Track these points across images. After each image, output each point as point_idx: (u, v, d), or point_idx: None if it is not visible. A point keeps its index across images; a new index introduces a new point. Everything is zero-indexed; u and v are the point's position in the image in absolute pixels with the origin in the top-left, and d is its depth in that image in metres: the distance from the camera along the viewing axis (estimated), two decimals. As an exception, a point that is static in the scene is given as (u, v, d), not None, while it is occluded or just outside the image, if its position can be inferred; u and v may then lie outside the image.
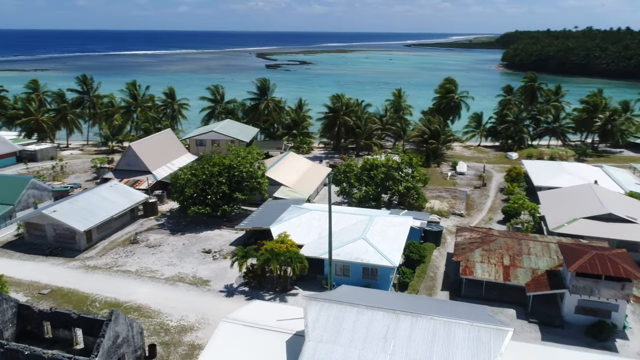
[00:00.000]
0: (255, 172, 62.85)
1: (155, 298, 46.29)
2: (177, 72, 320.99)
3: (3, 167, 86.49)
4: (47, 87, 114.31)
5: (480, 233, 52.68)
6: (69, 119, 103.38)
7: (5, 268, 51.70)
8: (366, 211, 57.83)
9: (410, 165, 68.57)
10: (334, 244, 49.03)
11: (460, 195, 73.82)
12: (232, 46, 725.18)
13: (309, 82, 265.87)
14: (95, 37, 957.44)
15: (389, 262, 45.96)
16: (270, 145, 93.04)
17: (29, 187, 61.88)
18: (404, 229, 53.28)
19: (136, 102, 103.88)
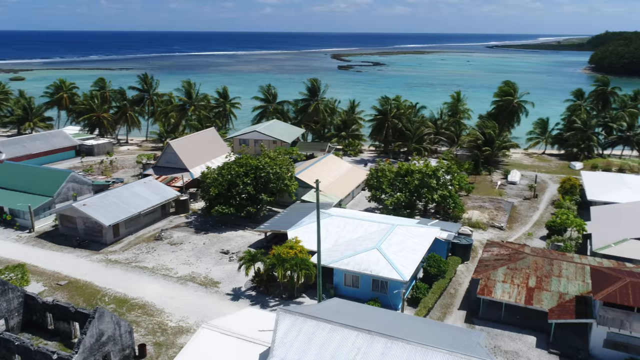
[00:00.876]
0: (282, 173, 61.71)
1: (162, 296, 46.31)
2: (250, 72, 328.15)
3: (63, 160, 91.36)
4: (111, 85, 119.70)
5: (510, 249, 48.35)
6: (128, 116, 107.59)
7: (34, 257, 54.06)
8: (389, 219, 54.95)
9: (448, 172, 64.63)
10: (346, 253, 47.00)
11: (505, 207, 68.72)
12: (310, 47, 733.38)
13: (377, 84, 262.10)
14: (183, 38, 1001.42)
15: (400, 275, 43.09)
16: (314, 146, 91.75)
17: (68, 181, 64.45)
18: (426, 241, 50.07)
19: (190, 101, 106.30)
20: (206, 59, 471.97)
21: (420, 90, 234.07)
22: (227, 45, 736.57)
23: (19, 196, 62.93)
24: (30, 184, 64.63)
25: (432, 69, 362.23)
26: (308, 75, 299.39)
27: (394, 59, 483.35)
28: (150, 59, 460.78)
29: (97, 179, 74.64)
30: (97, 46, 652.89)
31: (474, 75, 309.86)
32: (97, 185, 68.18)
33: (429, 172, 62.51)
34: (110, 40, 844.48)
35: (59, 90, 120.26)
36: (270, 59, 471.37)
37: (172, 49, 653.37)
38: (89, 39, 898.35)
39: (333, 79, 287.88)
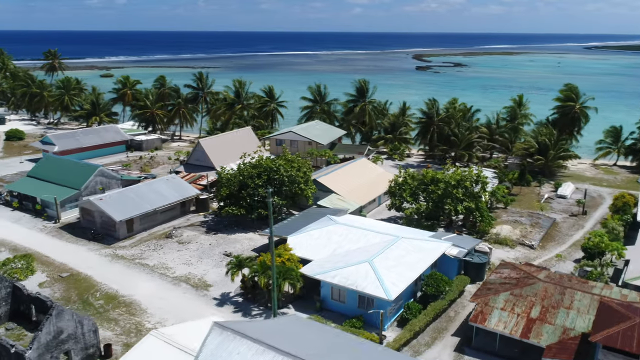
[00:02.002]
0: (296, 176, 59.74)
1: (151, 296, 46.04)
2: (324, 71, 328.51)
3: (112, 154, 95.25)
4: (171, 83, 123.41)
5: (522, 272, 43.23)
6: (181, 113, 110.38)
7: (49, 247, 56.05)
8: (396, 230, 51.26)
9: (477, 182, 59.55)
10: (338, 264, 44.27)
11: (544, 223, 62.31)
12: (394, 47, 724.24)
13: (451, 85, 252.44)
14: (271, 39, 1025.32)
15: (385, 293, 39.74)
16: (352, 149, 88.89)
17: (96, 175, 66.48)
18: (429, 257, 46.13)
19: (239, 100, 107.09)
20: (286, 58, 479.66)
21: (496, 92, 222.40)
22: (312, 45, 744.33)
23: (50, 187, 65.78)
24: (62, 176, 67.40)
25: (515, 71, 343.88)
26: (381, 76, 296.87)
27: (479, 60, 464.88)
28: (233, 58, 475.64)
29: (130, 174, 76.74)
30: (189, 45, 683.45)
31: (559, 78, 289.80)
32: (126, 181, 69.73)
33: (453, 182, 57.86)
34: (202, 40, 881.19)
35: (124, 86, 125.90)
36: (348, 59, 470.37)
37: (258, 48, 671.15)
38: (185, 38, 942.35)
39: (407, 79, 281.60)
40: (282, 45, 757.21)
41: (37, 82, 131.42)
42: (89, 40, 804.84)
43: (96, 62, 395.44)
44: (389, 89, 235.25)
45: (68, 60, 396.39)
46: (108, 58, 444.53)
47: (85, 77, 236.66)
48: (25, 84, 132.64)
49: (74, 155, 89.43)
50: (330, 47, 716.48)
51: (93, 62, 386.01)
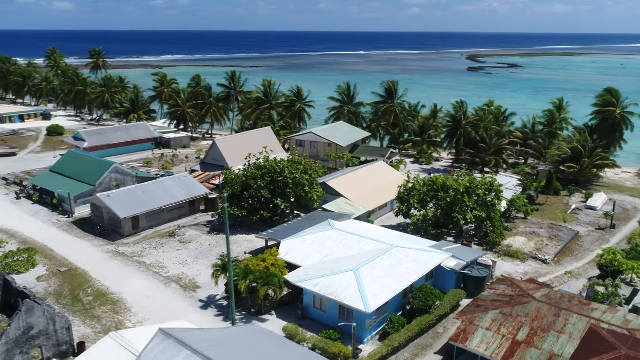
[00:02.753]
0: (301, 179, 58.50)
1: (138, 295, 46.09)
2: (371, 72, 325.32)
3: (140, 151, 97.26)
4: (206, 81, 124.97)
5: (518, 290, 40.24)
6: (212, 112, 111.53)
7: (57, 241, 57.39)
8: (393, 238, 49.04)
9: (490, 190, 56.31)
10: (323, 272, 42.71)
11: (564, 236, 58.22)
12: (450, 47, 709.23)
13: (501, 87, 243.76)
14: (327, 38, 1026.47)
15: (364, 305, 37.88)
16: (374, 151, 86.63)
17: (111, 171, 67.72)
18: (422, 268, 43.82)
19: (267, 99, 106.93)
20: (337, 58, 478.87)
21: (548, 95, 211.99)
22: (366, 45, 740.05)
23: (69, 183, 67.61)
24: (80, 172, 69.14)
25: (573, 73, 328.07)
26: (429, 76, 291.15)
27: (536, 61, 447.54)
28: (285, 57, 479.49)
29: (149, 171, 77.85)
30: (245, 45, 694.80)
31: (620, 81, 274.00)
32: (142, 178, 70.64)
33: (462, 189, 54.95)
34: (259, 40, 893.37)
35: (162, 85, 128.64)
36: (400, 59, 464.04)
37: (311, 48, 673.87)
38: (243, 38, 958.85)
39: (455, 80, 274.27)
40: (336, 45, 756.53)
41: (81, 79, 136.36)
42: (152, 39, 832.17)
43: (152, 60, 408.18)
44: (433, 90, 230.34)
45: (125, 59, 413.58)
46: (165, 57, 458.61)
47: (138, 76, 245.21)
48: (71, 81, 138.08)
49: (102, 152, 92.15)
50: (384, 47, 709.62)
51: (149, 61, 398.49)
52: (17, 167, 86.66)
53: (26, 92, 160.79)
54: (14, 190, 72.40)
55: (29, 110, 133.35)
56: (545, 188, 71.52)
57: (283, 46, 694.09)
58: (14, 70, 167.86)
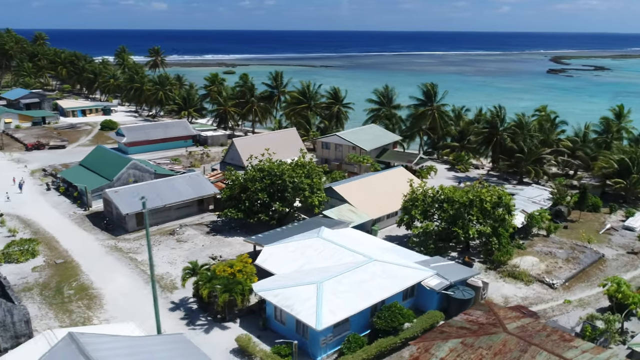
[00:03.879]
0: (299, 183, 56.81)
1: (117, 292, 46.51)
2: (444, 72, 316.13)
3: (177, 148, 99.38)
4: (253, 80, 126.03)
5: (493, 318, 36.35)
6: (254, 111, 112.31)
7: (65, 233, 59.48)
8: (378, 251, 46.14)
9: (498, 204, 51.74)
10: (288, 282, 40.95)
11: (585, 259, 52.39)
12: (535, 48, 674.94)
13: (579, 90, 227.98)
14: (408, 38, 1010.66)
15: (316, 321, 35.73)
16: (402, 156, 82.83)
17: (129, 167, 69.43)
18: (397, 286, 40.88)
19: (305, 99, 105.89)
20: (411, 58, 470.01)
21: (629, 100, 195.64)
22: (445, 45, 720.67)
23: (90, 177, 70.17)
24: (102, 167, 71.54)
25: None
26: (502, 78, 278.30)
27: (628, 63, 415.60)
28: (357, 57, 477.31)
29: (172, 168, 79.22)
30: (322, 44, 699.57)
31: None
32: (160, 175, 71.85)
33: (465, 201, 50.90)
34: (337, 39, 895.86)
35: (212, 84, 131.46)
36: (478, 60, 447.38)
37: (388, 48, 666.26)
38: (324, 37, 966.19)
39: (529, 83, 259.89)
40: (414, 45, 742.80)
41: (139, 76, 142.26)
42: (236, 38, 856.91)
43: (228, 59, 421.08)
44: (501, 92, 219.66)
45: (201, 57, 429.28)
46: (242, 55, 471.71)
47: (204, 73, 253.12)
48: (131, 78, 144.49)
49: (140, 147, 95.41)
50: (466, 47, 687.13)
51: (225, 59, 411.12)
52: (61, 159, 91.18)
53: (96, 88, 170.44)
54: (46, 182, 76.24)
55: (91, 105, 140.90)
56: (578, 203, 65.02)
57: (360, 46, 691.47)
58: (88, 67, 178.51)
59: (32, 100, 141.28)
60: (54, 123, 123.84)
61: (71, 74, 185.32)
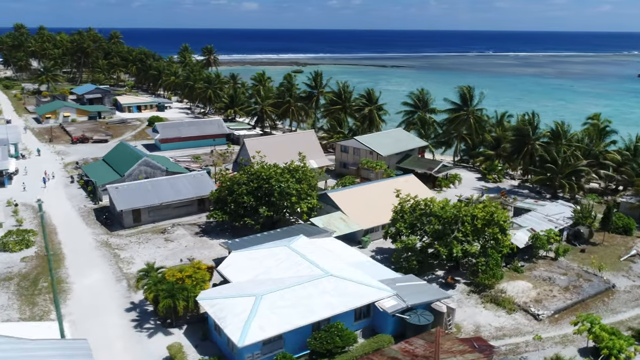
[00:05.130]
0: (285, 188, 54.98)
1: (87, 288, 47.20)
2: (520, 74, 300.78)
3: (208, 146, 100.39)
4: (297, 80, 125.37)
5: (430, 350, 32.77)
6: (291, 111, 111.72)
7: (65, 225, 61.45)
8: (341, 265, 43.31)
9: (489, 222, 47.13)
10: (232, 292, 39.53)
11: (589, 288, 46.48)
12: (635, 49, 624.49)
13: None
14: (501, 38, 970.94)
15: (239, 337, 33.97)
16: (424, 163, 78.21)
17: (141, 164, 70.76)
18: (346, 304, 38.19)
19: (340, 101, 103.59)
20: (491, 59, 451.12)
21: None
22: (537, 45, 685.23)
23: (106, 172, 72.38)
24: (119, 162, 73.54)
25: None
26: (583, 82, 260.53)
27: None
28: (433, 57, 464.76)
29: (190, 166, 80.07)
30: (402, 44, 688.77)
31: None
32: (171, 172, 72.65)
33: (450, 217, 46.83)
34: (421, 39, 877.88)
35: (259, 83, 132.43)
36: (563, 62, 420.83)
37: (471, 48, 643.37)
38: (408, 37, 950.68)
39: (612, 88, 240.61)
40: (502, 45, 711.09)
41: (193, 74, 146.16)
42: (323, 38, 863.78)
43: (302, 57, 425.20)
44: (576, 97, 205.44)
45: (276, 55, 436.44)
46: (318, 55, 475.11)
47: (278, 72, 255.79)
48: (186, 76, 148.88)
49: (173, 144, 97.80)
50: (556, 48, 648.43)
51: (298, 58, 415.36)
52: (99, 153, 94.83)
53: (160, 85, 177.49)
54: (71, 175, 79.76)
55: (146, 101, 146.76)
56: (603, 224, 58.11)
57: (442, 46, 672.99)
58: (154, 65, 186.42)
59: (95, 96, 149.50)
60: (108, 118, 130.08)
61: (140, 71, 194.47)
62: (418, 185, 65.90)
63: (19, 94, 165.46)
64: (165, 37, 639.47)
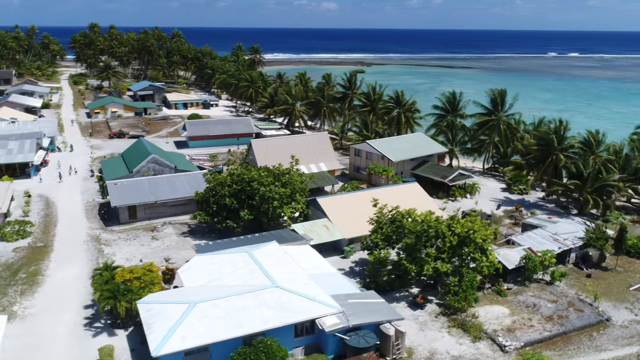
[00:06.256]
0: (266, 192, 53.42)
1: (59, 282, 48.12)
2: (596, 77, 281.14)
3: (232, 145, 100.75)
4: (335, 80, 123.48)
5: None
6: (322, 112, 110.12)
7: (67, 218, 63.64)
8: (292, 276, 41.19)
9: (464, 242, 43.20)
10: (169, 299, 38.70)
11: (576, 320, 41.42)
12: None
13: None
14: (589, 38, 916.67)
15: (156, 346, 32.92)
16: (439, 170, 73.69)
17: (149, 161, 71.80)
18: (282, 319, 36.16)
19: (369, 103, 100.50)
20: (570, 61, 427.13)
21: None
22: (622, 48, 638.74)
23: (119, 167, 74.20)
24: (132, 159, 75.13)
25: None
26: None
27: None
28: (508, 59, 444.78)
29: (203, 164, 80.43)
30: (475, 45, 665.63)
31: None
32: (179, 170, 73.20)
33: (419, 231, 43.40)
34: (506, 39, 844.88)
35: (301, 82, 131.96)
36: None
37: (551, 49, 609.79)
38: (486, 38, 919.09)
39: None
40: (587, 46, 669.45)
41: (237, 73, 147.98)
42: (399, 38, 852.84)
43: (370, 57, 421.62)
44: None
45: (344, 55, 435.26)
46: (386, 55, 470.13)
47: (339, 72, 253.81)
48: (233, 75, 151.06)
49: (200, 142, 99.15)
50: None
51: (365, 58, 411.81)
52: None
53: (213, 83, 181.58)
54: (92, 169, 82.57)
55: (192, 98, 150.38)
56: (615, 247, 51.87)
57: (521, 47, 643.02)
58: (210, 64, 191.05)
59: (147, 92, 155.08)
60: (153, 114, 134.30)
61: (197, 69, 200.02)
62: (420, 194, 62.16)
63: (82, 90, 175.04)
64: (247, 36, 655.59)
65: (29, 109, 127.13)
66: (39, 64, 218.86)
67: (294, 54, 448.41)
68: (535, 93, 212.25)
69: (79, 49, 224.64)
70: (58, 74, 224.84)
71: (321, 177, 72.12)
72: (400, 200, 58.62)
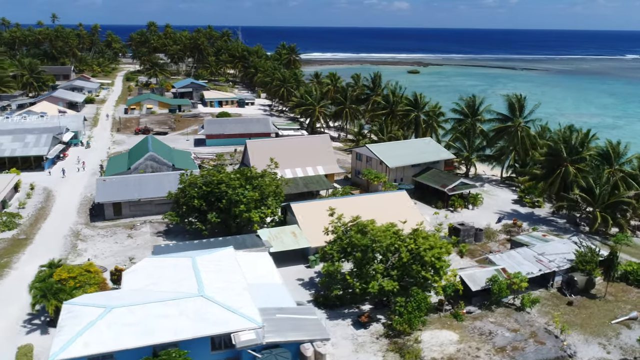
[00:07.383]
0: (234, 195, 52.02)
1: (21, 276, 48.74)
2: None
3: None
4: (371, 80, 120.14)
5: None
6: (345, 113, 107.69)
7: (59, 212, 65.02)
8: (227, 285, 39.44)
9: (415, 259, 39.85)
10: (97, 302, 37.91)
11: (531, 353, 37.10)
12: None
13: None
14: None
15: (56, 351, 32.30)
16: (440, 178, 69.20)
17: (147, 159, 72.42)
18: (195, 331, 34.57)
19: (388, 105, 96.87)
20: (617, 63, 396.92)
21: None
22: None
23: (122, 163, 75.45)
24: (135, 156, 76.13)
25: None
26: None
27: None
28: (578, 60, 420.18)
29: (209, 163, 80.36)
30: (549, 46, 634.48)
31: None
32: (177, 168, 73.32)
33: (366, 245, 40.48)
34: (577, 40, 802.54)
35: (331, 82, 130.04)
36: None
37: (631, 50, 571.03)
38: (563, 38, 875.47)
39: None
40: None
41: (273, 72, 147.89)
42: (472, 38, 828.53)
43: (426, 57, 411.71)
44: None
45: (401, 55, 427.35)
46: (447, 55, 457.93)
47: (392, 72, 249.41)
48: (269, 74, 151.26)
49: (216, 140, 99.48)
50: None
51: (422, 58, 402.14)
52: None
53: (256, 81, 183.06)
54: (100, 164, 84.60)
55: (227, 97, 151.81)
56: (606, 273, 46.32)
57: (596, 48, 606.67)
58: (253, 63, 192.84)
59: (186, 90, 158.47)
60: (187, 111, 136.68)
61: (243, 67, 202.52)
62: (407, 203, 58.62)
63: (131, 86, 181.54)
64: (317, 36, 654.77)
65: (72, 103, 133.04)
66: (100, 61, 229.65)
67: (353, 54, 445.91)
68: (594, 97, 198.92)
69: (135, 46, 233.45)
70: (117, 71, 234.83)
71: (316, 181, 69.95)
72: (382, 209, 55.98)
